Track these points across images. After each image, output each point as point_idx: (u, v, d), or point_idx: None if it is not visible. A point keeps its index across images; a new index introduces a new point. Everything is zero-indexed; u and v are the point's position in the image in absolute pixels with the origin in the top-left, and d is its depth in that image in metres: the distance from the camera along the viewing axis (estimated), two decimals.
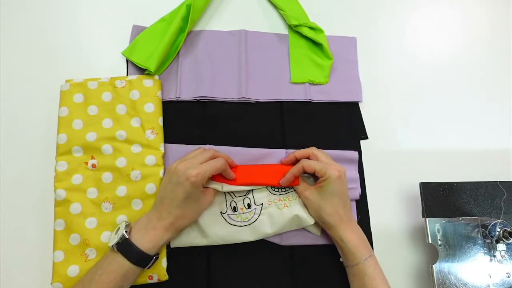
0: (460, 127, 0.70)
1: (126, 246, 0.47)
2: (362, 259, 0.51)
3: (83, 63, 0.63)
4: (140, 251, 0.47)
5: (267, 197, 0.57)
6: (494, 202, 0.59)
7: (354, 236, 0.53)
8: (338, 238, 0.53)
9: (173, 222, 0.49)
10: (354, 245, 0.52)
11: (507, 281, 0.55)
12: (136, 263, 0.47)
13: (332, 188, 0.53)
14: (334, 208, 0.53)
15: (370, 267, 0.51)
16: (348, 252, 0.52)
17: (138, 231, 0.49)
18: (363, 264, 0.51)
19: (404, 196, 0.64)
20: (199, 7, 0.65)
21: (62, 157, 0.55)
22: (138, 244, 0.47)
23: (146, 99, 0.58)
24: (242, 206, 0.56)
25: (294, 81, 0.66)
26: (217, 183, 0.54)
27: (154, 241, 0.48)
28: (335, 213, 0.53)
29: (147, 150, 0.56)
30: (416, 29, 0.76)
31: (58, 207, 0.53)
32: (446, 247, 0.55)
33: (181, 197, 0.48)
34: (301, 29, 0.67)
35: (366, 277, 0.51)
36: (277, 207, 0.56)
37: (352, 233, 0.53)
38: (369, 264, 0.51)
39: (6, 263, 0.53)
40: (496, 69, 0.75)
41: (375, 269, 0.51)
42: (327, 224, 0.54)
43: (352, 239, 0.52)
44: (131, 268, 0.47)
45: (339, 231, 0.53)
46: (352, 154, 0.62)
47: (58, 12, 0.66)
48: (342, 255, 0.54)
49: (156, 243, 0.48)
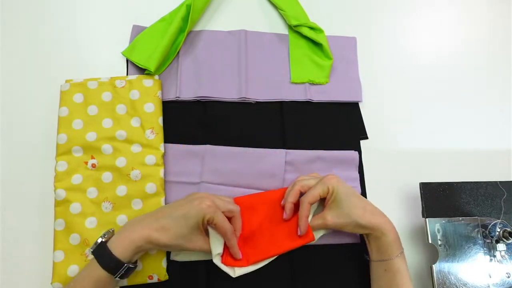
0: (460, 127, 0.70)
1: (100, 249, 0.45)
2: (398, 253, 0.51)
3: (83, 63, 0.63)
4: (111, 255, 0.44)
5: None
6: (494, 202, 0.59)
7: (392, 228, 0.52)
8: (379, 233, 0.51)
9: (152, 230, 0.46)
10: (394, 238, 0.51)
11: (507, 281, 0.55)
12: (105, 268, 0.44)
13: (343, 194, 0.51)
14: (360, 208, 0.52)
15: (404, 262, 0.51)
16: (387, 245, 0.51)
17: (116, 234, 0.47)
18: (397, 259, 0.50)
19: (404, 196, 0.64)
20: (199, 7, 0.65)
21: (62, 157, 0.55)
22: (112, 247, 0.44)
23: (146, 99, 0.58)
24: None
25: (294, 81, 0.66)
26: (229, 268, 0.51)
27: (125, 243, 0.45)
28: (365, 211, 0.52)
29: (147, 150, 0.56)
30: (416, 29, 0.76)
31: (58, 207, 0.53)
32: (446, 247, 0.55)
33: (180, 212, 0.47)
34: (301, 29, 0.67)
35: (399, 273, 0.50)
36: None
37: (390, 224, 0.52)
38: (402, 259, 0.51)
39: (6, 263, 0.53)
40: (496, 69, 0.75)
41: (406, 265, 0.51)
42: (368, 227, 0.51)
43: (392, 231, 0.51)
44: (101, 275, 0.44)
45: (379, 226, 0.51)
46: (352, 154, 0.62)
47: (58, 12, 0.66)
48: (377, 249, 0.52)
49: (126, 245, 0.45)
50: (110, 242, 0.45)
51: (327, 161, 0.61)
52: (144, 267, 0.52)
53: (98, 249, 0.45)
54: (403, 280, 0.50)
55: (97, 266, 0.44)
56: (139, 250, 0.46)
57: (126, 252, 0.45)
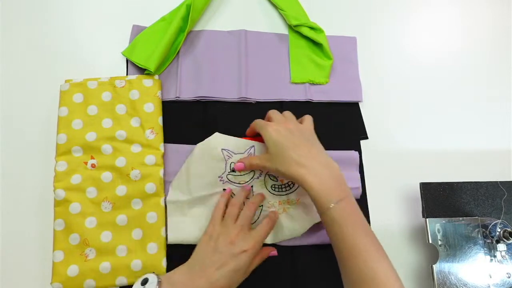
0: (460, 127, 0.70)
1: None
2: (329, 205, 0.45)
3: (82, 63, 0.63)
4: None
5: (267, 199, 0.57)
6: (494, 202, 0.59)
7: (316, 179, 0.46)
8: (303, 185, 0.47)
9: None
10: (317, 189, 0.46)
11: (507, 281, 0.55)
12: None
13: (272, 144, 0.50)
14: (284, 158, 0.48)
15: (340, 212, 0.45)
16: (314, 199, 0.47)
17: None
18: (330, 210, 0.45)
19: (404, 196, 0.64)
20: (199, 7, 0.65)
21: (62, 157, 0.55)
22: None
23: (146, 99, 0.58)
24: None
25: (294, 81, 0.66)
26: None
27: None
28: (288, 161, 0.48)
29: (147, 150, 0.56)
30: (417, 29, 0.76)
31: (58, 207, 0.53)
32: (446, 247, 0.55)
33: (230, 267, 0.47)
34: (301, 29, 0.67)
35: (336, 225, 0.45)
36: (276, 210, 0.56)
37: (314, 175, 0.46)
38: (339, 209, 0.45)
39: (5, 263, 0.53)
40: (497, 69, 0.75)
41: (346, 216, 0.45)
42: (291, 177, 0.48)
43: (314, 183, 0.46)
44: None
45: (301, 178, 0.47)
46: (353, 154, 0.62)
47: (57, 12, 0.66)
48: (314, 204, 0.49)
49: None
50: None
51: None
52: (144, 267, 0.52)
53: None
54: (342, 232, 0.45)
55: None
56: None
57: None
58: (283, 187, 0.57)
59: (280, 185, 0.57)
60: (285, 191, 0.57)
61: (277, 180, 0.58)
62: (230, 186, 0.57)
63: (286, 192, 0.57)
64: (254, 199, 0.55)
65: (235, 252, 0.48)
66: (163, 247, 0.54)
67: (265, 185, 0.57)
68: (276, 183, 0.57)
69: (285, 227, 0.56)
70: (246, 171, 0.57)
